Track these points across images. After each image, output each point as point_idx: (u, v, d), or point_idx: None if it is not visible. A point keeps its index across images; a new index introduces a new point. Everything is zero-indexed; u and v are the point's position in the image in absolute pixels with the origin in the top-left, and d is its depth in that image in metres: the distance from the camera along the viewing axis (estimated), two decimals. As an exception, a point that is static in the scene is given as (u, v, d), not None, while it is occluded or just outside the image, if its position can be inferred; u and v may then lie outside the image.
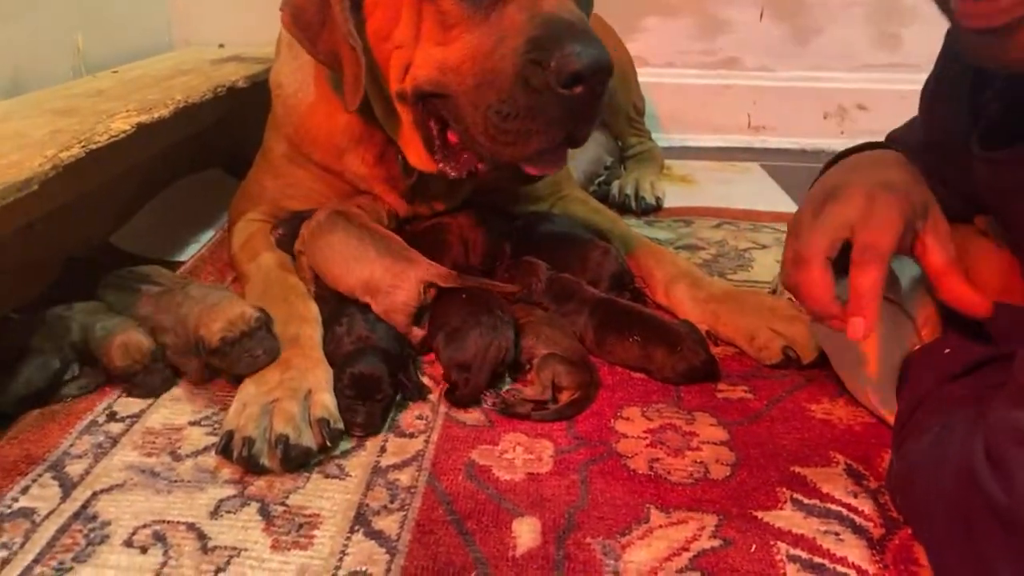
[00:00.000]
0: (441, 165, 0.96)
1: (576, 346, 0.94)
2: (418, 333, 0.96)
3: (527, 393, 0.88)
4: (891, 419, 0.80)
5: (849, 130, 2.07)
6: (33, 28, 1.35)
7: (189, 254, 1.28)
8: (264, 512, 0.71)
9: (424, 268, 0.96)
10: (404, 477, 0.76)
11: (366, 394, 0.82)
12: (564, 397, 0.88)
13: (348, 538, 0.68)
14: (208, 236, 1.35)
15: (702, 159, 1.95)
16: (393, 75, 0.93)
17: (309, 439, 0.77)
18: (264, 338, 0.85)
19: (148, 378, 0.88)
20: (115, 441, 0.81)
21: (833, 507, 0.72)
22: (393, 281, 0.95)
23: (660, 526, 0.70)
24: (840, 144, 0.94)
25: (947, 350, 0.76)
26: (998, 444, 0.54)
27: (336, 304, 0.98)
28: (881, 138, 0.90)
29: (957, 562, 0.57)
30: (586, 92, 0.79)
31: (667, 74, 1.13)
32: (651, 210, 1.51)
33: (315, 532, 0.69)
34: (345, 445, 0.81)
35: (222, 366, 0.86)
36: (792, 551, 0.67)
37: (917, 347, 0.79)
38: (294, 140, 1.12)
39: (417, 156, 0.99)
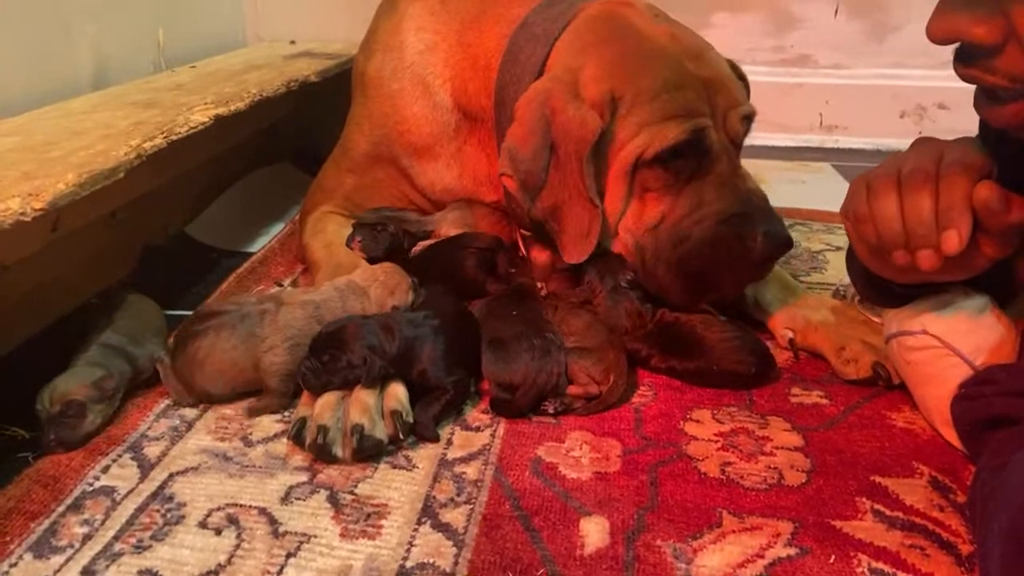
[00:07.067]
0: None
1: (596, 329, 0.91)
2: None
3: (571, 390, 0.86)
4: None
5: (928, 130, 1.98)
6: (117, 24, 1.40)
7: (259, 246, 1.30)
8: (333, 500, 0.72)
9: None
10: (470, 471, 0.76)
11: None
12: (605, 389, 0.86)
13: (415, 529, 0.68)
14: (278, 229, 1.38)
15: (772, 158, 1.90)
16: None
17: (382, 431, 0.78)
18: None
19: (58, 427, 0.78)
20: (190, 425, 0.83)
21: (918, 520, 0.69)
22: None
23: (733, 531, 0.68)
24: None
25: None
26: None
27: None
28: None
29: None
30: (771, 262, 0.93)
31: (737, 71, 1.13)
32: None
33: (383, 522, 0.69)
34: (413, 436, 0.81)
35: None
36: (874, 564, 0.64)
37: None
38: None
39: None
